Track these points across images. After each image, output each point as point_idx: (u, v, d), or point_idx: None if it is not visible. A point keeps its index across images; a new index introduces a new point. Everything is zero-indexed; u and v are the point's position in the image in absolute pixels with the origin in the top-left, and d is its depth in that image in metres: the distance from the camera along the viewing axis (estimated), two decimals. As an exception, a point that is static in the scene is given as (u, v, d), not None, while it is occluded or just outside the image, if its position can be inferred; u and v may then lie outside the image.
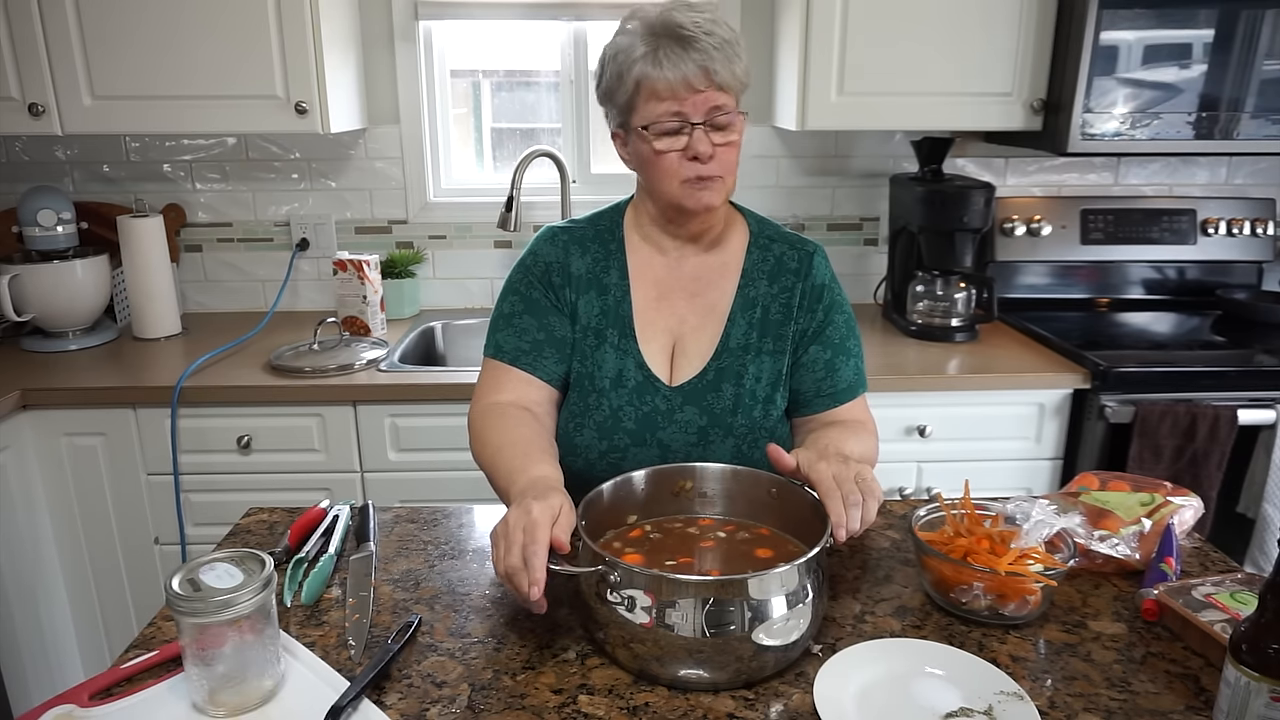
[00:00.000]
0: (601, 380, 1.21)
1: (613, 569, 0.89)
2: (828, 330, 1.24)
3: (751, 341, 1.22)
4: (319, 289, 2.47)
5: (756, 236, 1.27)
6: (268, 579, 0.87)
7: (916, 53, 2.04)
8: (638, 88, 1.12)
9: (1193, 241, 2.41)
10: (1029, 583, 0.98)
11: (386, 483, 1.97)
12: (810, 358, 1.23)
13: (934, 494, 1.18)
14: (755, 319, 1.22)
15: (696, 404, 1.20)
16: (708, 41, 1.09)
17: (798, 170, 2.45)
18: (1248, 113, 1.99)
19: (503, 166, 2.54)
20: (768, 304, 1.23)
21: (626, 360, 1.21)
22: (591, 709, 0.87)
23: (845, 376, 1.24)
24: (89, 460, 1.92)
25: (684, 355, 1.22)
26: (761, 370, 1.21)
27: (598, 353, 1.22)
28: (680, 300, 1.24)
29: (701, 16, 1.11)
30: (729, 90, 1.12)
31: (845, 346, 1.25)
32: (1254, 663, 0.76)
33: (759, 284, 1.24)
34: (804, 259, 1.25)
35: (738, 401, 1.20)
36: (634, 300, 1.23)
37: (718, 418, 1.20)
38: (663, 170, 1.14)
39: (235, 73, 1.97)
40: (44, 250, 2.11)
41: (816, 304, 1.24)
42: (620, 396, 1.20)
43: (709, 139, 1.12)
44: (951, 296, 2.21)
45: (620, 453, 1.21)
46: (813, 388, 1.24)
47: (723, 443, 1.20)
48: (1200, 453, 1.88)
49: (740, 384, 1.20)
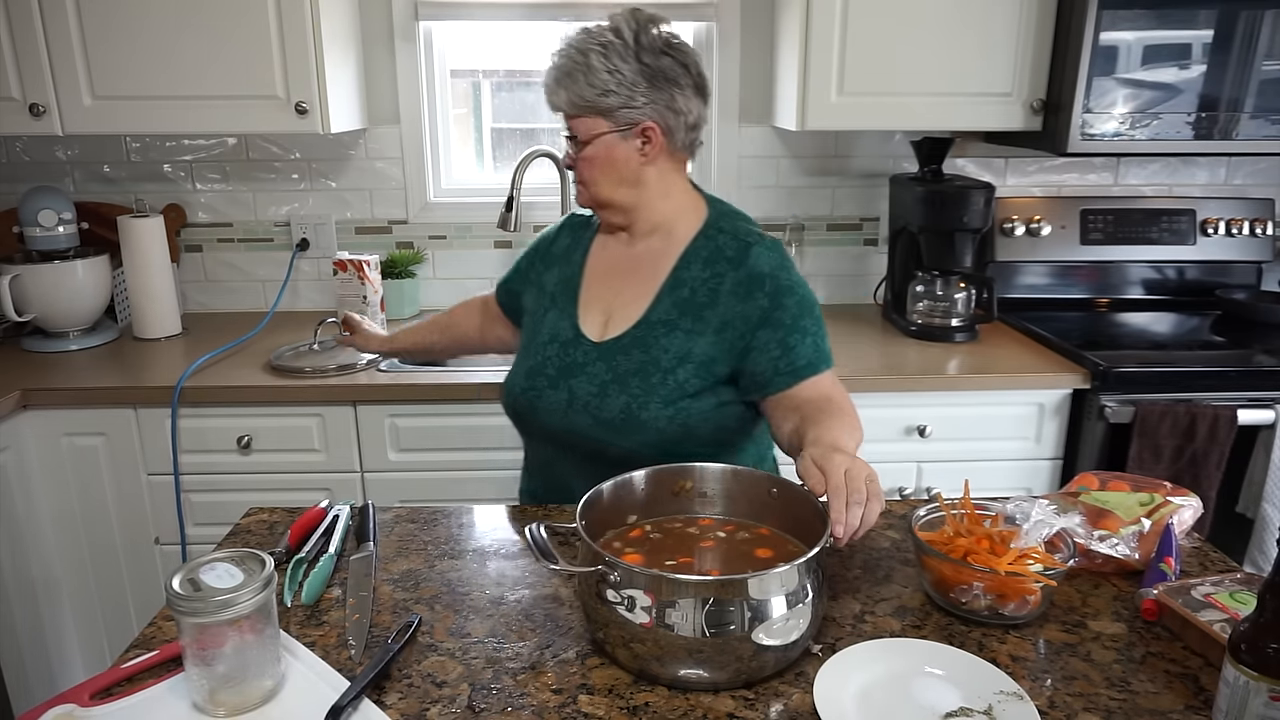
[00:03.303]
0: (542, 336, 1.39)
1: (613, 569, 0.89)
2: (775, 314, 1.28)
3: (671, 318, 1.31)
4: (319, 289, 2.47)
5: (708, 226, 1.36)
6: (268, 579, 0.87)
7: (916, 53, 2.04)
8: None
9: (1192, 242, 2.41)
10: (1029, 583, 0.98)
11: (386, 483, 1.97)
12: (760, 342, 1.28)
13: (934, 494, 1.18)
14: (680, 298, 1.32)
15: (607, 361, 1.32)
16: (552, 76, 1.29)
17: (798, 170, 2.45)
18: (1247, 113, 1.99)
19: (503, 166, 2.54)
20: (695, 287, 1.32)
21: (563, 321, 1.38)
22: (591, 709, 0.87)
23: (803, 353, 1.28)
24: (89, 460, 1.92)
25: (613, 322, 1.35)
26: (672, 344, 1.30)
27: (548, 315, 1.40)
28: (620, 277, 1.38)
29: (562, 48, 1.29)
30: (575, 114, 1.30)
31: (799, 325, 1.29)
32: (1253, 662, 0.76)
33: (693, 268, 1.33)
34: (741, 249, 1.32)
35: (641, 367, 1.30)
36: (585, 275, 1.41)
37: (619, 376, 1.30)
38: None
39: (235, 73, 1.97)
40: (45, 250, 2.12)
41: (756, 291, 1.29)
42: (551, 349, 1.37)
43: (569, 153, 1.34)
44: (951, 296, 2.21)
45: (537, 392, 1.35)
46: (770, 368, 1.28)
47: (616, 398, 1.29)
48: (1200, 453, 1.88)
49: (648, 352, 1.30)
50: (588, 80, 1.27)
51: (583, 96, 1.28)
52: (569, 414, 1.31)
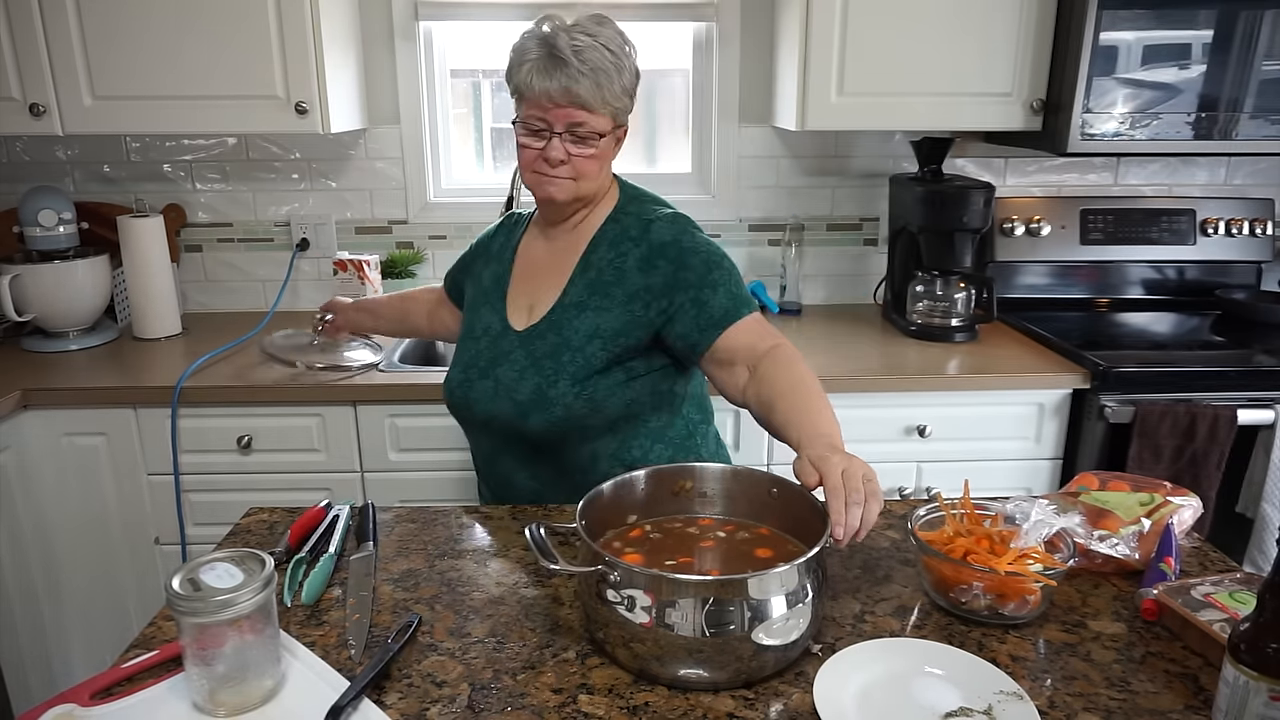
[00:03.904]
0: (476, 330, 1.43)
1: (613, 569, 0.89)
2: (682, 275, 1.30)
3: (582, 299, 1.35)
4: (319, 289, 2.47)
5: (616, 211, 1.40)
6: (268, 579, 0.87)
7: (916, 53, 2.04)
8: (518, 89, 1.31)
9: (1192, 242, 2.41)
10: (1028, 582, 0.98)
11: (386, 483, 1.97)
12: (677, 305, 1.30)
13: (934, 494, 1.18)
14: (589, 280, 1.35)
15: (526, 347, 1.36)
16: (577, 67, 1.24)
17: (798, 170, 2.45)
18: (1247, 113, 2.00)
19: (503, 166, 2.54)
20: (602, 267, 1.35)
21: (494, 316, 1.42)
22: (591, 709, 0.87)
23: (718, 305, 1.29)
24: (90, 460, 1.92)
25: (534, 312, 1.39)
26: (583, 323, 1.33)
27: (482, 309, 1.44)
28: (542, 269, 1.42)
29: (585, 41, 1.25)
30: (593, 110, 1.27)
31: (708, 280, 1.30)
32: (1253, 662, 0.76)
33: (600, 250, 1.37)
34: (642, 226, 1.36)
35: (555, 349, 1.33)
36: (513, 271, 1.45)
37: (536, 359, 1.33)
38: (522, 160, 1.33)
39: (235, 73, 1.97)
40: (45, 250, 2.12)
41: (659, 260, 1.32)
42: (483, 342, 1.40)
43: (564, 148, 1.29)
44: (951, 297, 2.21)
45: (469, 384, 1.38)
46: (692, 326, 1.30)
47: (530, 380, 1.32)
48: (1200, 453, 1.88)
49: (560, 334, 1.33)
50: (620, 82, 1.28)
51: (612, 95, 1.27)
52: (495, 401, 1.34)
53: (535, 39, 1.28)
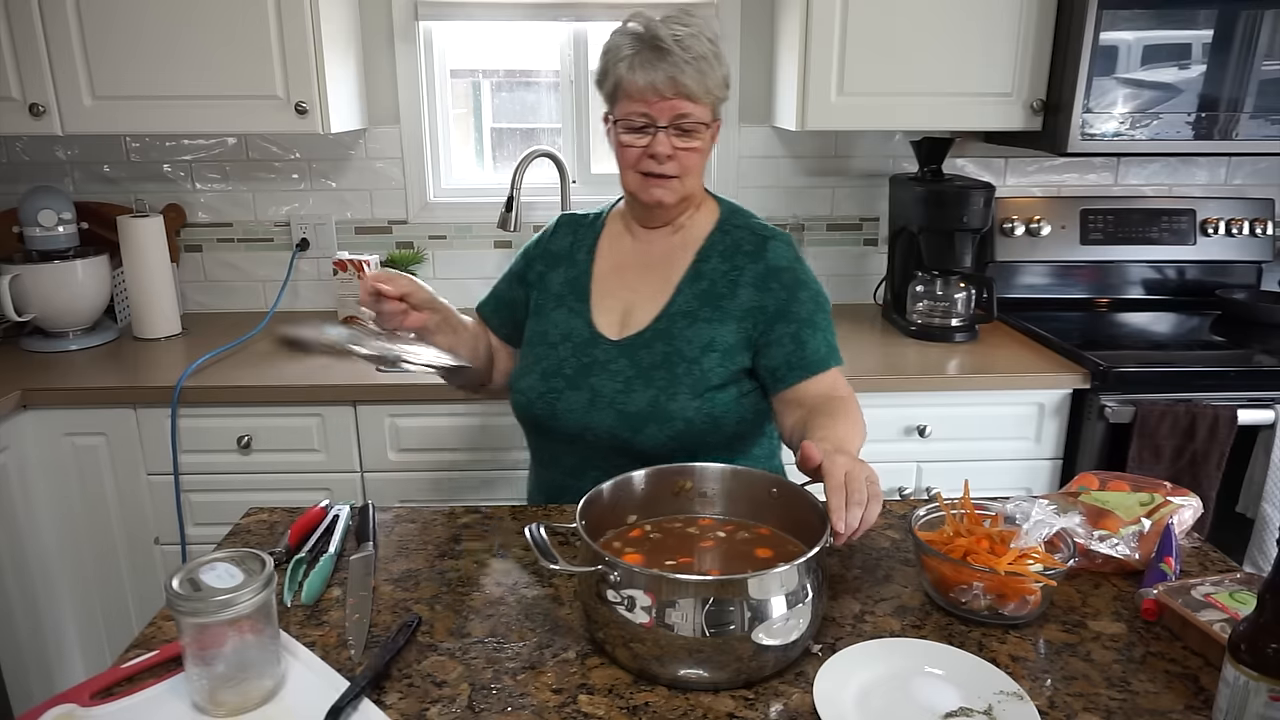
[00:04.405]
0: (553, 336, 1.37)
1: (613, 569, 0.89)
2: (792, 308, 1.30)
3: (692, 309, 1.32)
4: (319, 289, 2.47)
5: (722, 222, 1.38)
6: (268, 579, 0.87)
7: (916, 53, 2.04)
8: (617, 86, 1.27)
9: (1192, 242, 2.41)
10: (1029, 583, 0.98)
11: (386, 483, 1.97)
12: (777, 335, 1.30)
13: (934, 494, 1.18)
14: (700, 290, 1.33)
15: (629, 357, 1.31)
16: (681, 55, 1.22)
17: (798, 170, 2.45)
18: (1247, 113, 1.99)
19: (503, 166, 2.54)
20: (715, 279, 1.33)
21: (576, 320, 1.36)
22: (591, 709, 0.87)
23: (815, 348, 1.30)
24: (90, 460, 1.92)
25: (631, 318, 1.35)
26: (696, 334, 1.31)
27: (555, 314, 1.38)
28: (635, 273, 1.37)
29: (684, 30, 1.23)
30: (697, 100, 1.24)
31: (813, 321, 1.31)
32: (1253, 662, 0.76)
33: (711, 261, 1.34)
34: (759, 244, 1.34)
35: (666, 358, 1.30)
36: (594, 272, 1.39)
37: (644, 370, 1.30)
38: (624, 161, 1.30)
39: (235, 73, 1.97)
40: (44, 250, 2.11)
41: (774, 283, 1.31)
42: (565, 350, 1.35)
43: (670, 142, 1.25)
44: (951, 296, 2.21)
45: (556, 394, 1.33)
46: (784, 361, 1.29)
47: (643, 392, 1.29)
48: (1200, 453, 1.88)
49: (671, 344, 1.30)
50: (720, 71, 1.26)
51: (715, 84, 1.25)
52: (591, 412, 1.30)
53: (629, 35, 1.25)
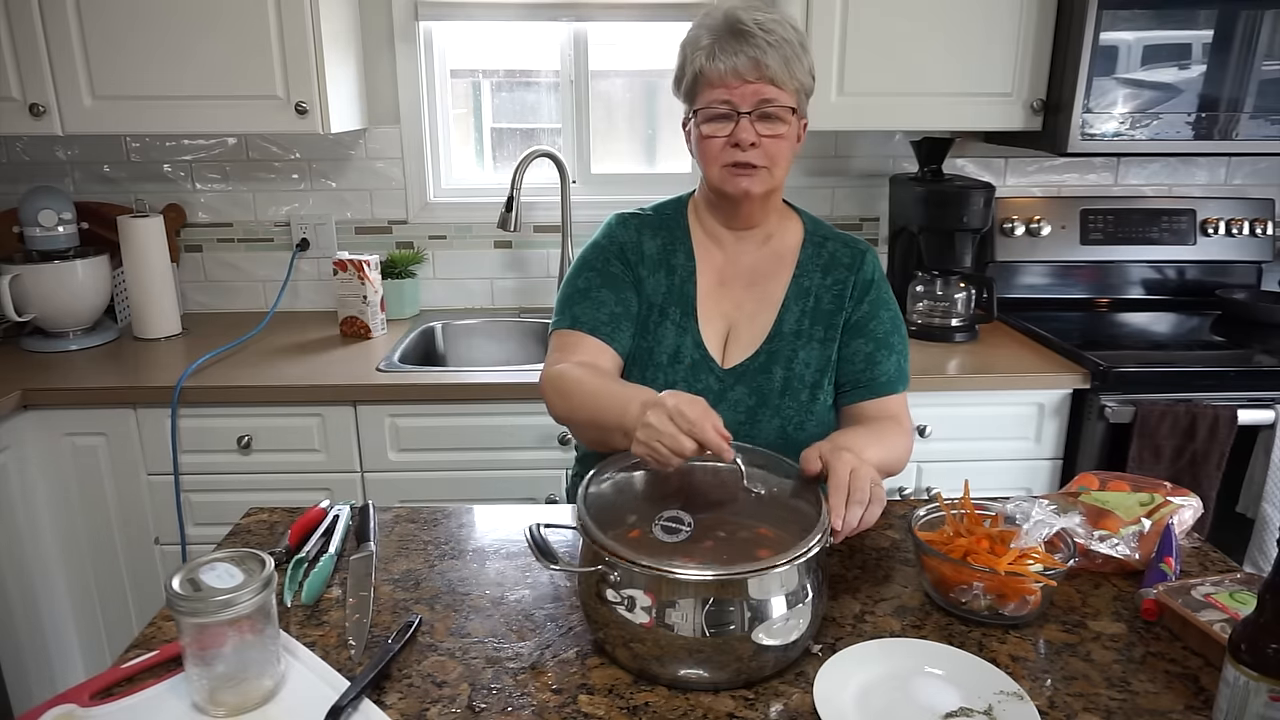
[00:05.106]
0: (660, 355, 1.27)
1: (613, 569, 0.89)
2: (871, 325, 1.29)
3: (804, 328, 1.28)
4: (319, 289, 2.47)
5: (811, 234, 1.35)
6: (268, 579, 0.87)
7: (916, 53, 2.04)
8: (696, 77, 1.21)
9: (1192, 242, 2.41)
10: (1029, 583, 0.98)
11: (386, 483, 1.97)
12: (852, 350, 1.28)
13: (934, 494, 1.18)
14: (808, 307, 1.29)
15: (748, 385, 1.26)
16: (763, 38, 1.17)
17: (798, 170, 2.44)
18: (1247, 113, 1.99)
19: (503, 166, 2.54)
20: (820, 294, 1.29)
21: (685, 338, 1.27)
22: (591, 709, 0.87)
23: (885, 370, 1.28)
24: (90, 460, 1.92)
25: (737, 339, 1.29)
26: (811, 356, 1.27)
27: (660, 329, 1.28)
28: (738, 288, 1.30)
29: (765, 16, 1.19)
30: (781, 86, 1.19)
31: (889, 342, 1.29)
32: (1253, 662, 0.76)
33: (813, 275, 1.31)
34: (856, 255, 1.32)
35: (786, 384, 1.25)
36: (699, 283, 1.29)
37: (766, 399, 1.25)
38: (707, 153, 1.22)
39: (235, 73, 1.97)
40: (45, 250, 2.11)
41: (864, 298, 1.30)
42: (675, 373, 1.26)
43: (754, 129, 1.19)
44: (951, 296, 2.21)
45: None
46: (852, 378, 1.28)
47: (770, 422, 1.25)
48: (1200, 453, 1.88)
49: (790, 368, 1.26)
50: (806, 60, 1.21)
51: (800, 71, 1.20)
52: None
53: (707, 25, 1.21)
